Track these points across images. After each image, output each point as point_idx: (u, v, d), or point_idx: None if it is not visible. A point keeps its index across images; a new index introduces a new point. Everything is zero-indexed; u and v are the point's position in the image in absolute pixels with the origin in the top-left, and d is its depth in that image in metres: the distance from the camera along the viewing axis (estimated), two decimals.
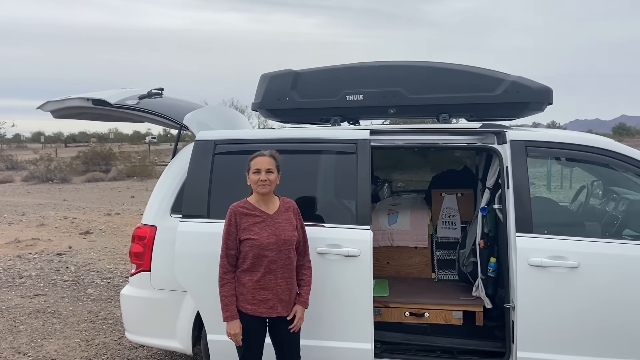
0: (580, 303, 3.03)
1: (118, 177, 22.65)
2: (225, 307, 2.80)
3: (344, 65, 3.94)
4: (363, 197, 3.29)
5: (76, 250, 8.43)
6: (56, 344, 4.61)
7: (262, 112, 4.09)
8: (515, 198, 3.18)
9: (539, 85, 3.62)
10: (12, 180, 22.45)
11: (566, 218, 3.88)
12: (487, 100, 3.62)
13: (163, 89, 4.24)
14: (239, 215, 2.83)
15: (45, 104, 3.94)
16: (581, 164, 3.68)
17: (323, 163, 3.48)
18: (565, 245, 3.08)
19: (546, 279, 3.05)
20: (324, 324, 3.25)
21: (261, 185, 2.82)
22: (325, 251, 3.22)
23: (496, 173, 3.60)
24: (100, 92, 3.89)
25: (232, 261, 2.84)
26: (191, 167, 3.51)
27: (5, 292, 6.17)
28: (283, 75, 3.94)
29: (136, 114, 3.83)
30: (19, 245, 8.81)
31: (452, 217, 4.53)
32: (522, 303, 3.08)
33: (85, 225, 10.79)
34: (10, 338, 4.76)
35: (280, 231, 2.83)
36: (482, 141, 3.44)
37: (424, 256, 4.54)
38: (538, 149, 3.28)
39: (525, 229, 3.13)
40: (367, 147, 3.37)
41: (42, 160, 25.07)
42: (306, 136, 3.56)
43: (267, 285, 2.80)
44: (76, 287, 6.37)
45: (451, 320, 3.81)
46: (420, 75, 3.76)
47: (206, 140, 3.55)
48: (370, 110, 3.86)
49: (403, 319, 3.84)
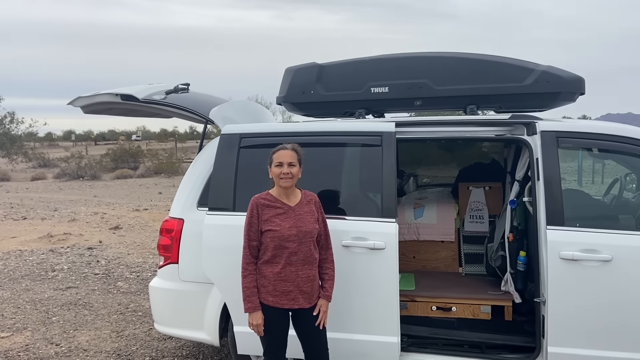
0: (613, 297, 2.95)
1: (146, 174, 23.05)
2: (247, 299, 2.82)
3: (369, 58, 3.91)
4: (388, 189, 3.26)
5: (106, 245, 8.61)
6: (87, 335, 4.72)
7: (286, 106, 4.09)
8: (545, 190, 3.11)
9: (570, 75, 3.52)
10: (44, 177, 23.07)
11: (599, 211, 3.78)
12: (517, 91, 3.54)
13: (189, 84, 4.28)
14: (261, 206, 2.84)
15: (75, 100, 4.02)
16: (614, 155, 3.57)
17: (348, 156, 3.46)
18: (598, 238, 3.00)
19: (578, 273, 2.98)
20: (350, 317, 3.24)
21: (283, 178, 2.82)
22: (350, 244, 3.21)
23: (526, 165, 3.53)
24: (129, 87, 3.95)
25: (254, 252, 2.85)
26: (217, 161, 3.54)
27: (38, 285, 6.34)
28: (307, 69, 3.93)
29: (163, 108, 3.88)
30: (52, 239, 9.05)
31: (479, 210, 4.46)
32: (553, 297, 3.01)
33: (114, 220, 11.01)
34: (43, 329, 4.89)
35: (301, 223, 2.83)
36: (512, 132, 3.37)
37: (451, 250, 4.48)
38: (570, 139, 3.20)
39: (557, 221, 3.06)
40: (392, 140, 3.34)
41: (73, 158, 25.68)
42: (331, 129, 3.54)
43: (288, 277, 2.81)
44: (106, 280, 6.51)
45: (479, 315, 3.75)
46: (446, 66, 3.70)
47: (231, 134, 3.58)
48: (396, 102, 3.82)
49: (430, 313, 3.80)
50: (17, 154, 28.46)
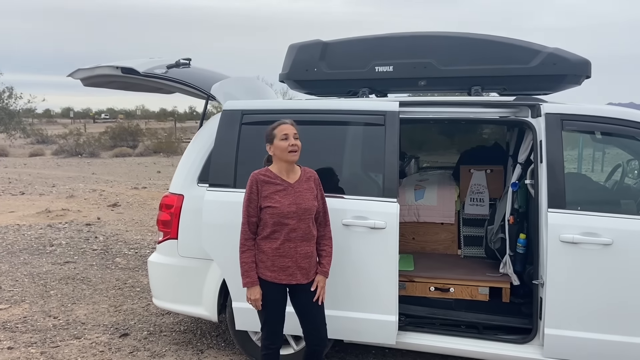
0: (612, 281, 2.95)
1: (145, 152, 22.97)
2: (245, 274, 2.82)
3: (374, 36, 3.87)
4: (390, 169, 3.24)
5: (104, 222, 8.61)
6: (85, 309, 4.74)
7: (289, 84, 4.05)
8: (548, 173, 3.09)
9: (577, 57, 3.49)
10: (42, 154, 22.99)
11: (600, 195, 3.77)
12: (522, 73, 3.51)
13: (191, 59, 4.23)
14: (260, 182, 2.82)
15: (75, 72, 3.97)
16: (618, 139, 3.54)
17: (351, 135, 3.44)
18: (598, 221, 2.99)
19: (578, 256, 2.98)
20: (349, 296, 3.25)
21: (292, 151, 2.79)
22: (350, 223, 3.20)
23: (529, 148, 3.51)
24: (130, 60, 3.90)
25: (253, 228, 2.84)
26: (218, 137, 3.51)
27: (36, 259, 6.35)
28: (312, 46, 3.88)
29: (165, 83, 3.84)
30: (50, 215, 9.04)
31: (480, 193, 4.45)
32: (552, 280, 3.02)
33: (113, 198, 10.99)
34: (41, 302, 4.91)
35: (301, 200, 2.81)
36: (516, 114, 3.35)
37: (451, 232, 4.48)
38: (575, 122, 3.17)
39: (558, 204, 3.05)
40: (395, 119, 3.31)
41: (72, 135, 25.55)
42: (334, 107, 3.50)
43: (287, 252, 2.80)
44: (105, 256, 6.52)
45: (477, 296, 3.76)
46: (451, 46, 3.66)
47: (233, 110, 3.54)
48: (400, 82, 3.79)
49: (428, 294, 3.81)
50: (16, 129, 28.28)
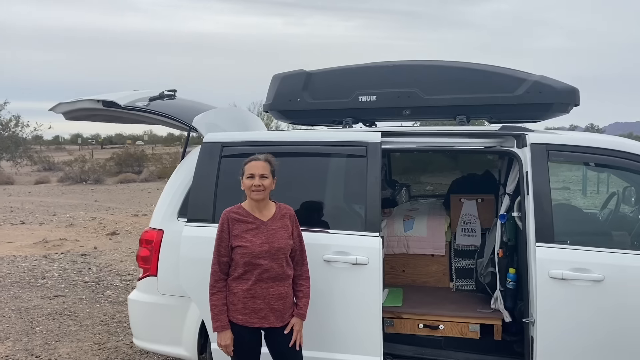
0: (605, 319, 2.81)
1: (149, 178, 23.01)
2: (215, 317, 2.70)
3: (357, 65, 3.81)
4: (373, 202, 3.14)
5: (101, 251, 8.53)
6: (69, 347, 4.61)
7: (273, 114, 3.99)
8: (535, 205, 2.97)
9: (563, 85, 3.39)
10: (48, 181, 23.08)
11: (591, 227, 3.64)
12: (507, 102, 3.41)
13: (176, 91, 4.19)
14: (231, 221, 2.72)
15: (56, 106, 3.93)
16: (609, 169, 3.43)
17: (332, 166, 3.36)
18: (589, 256, 2.86)
19: (568, 293, 2.84)
20: (331, 335, 3.12)
21: (255, 191, 2.69)
22: (332, 259, 3.09)
23: (516, 178, 3.39)
24: (112, 93, 3.86)
25: (224, 269, 2.73)
26: (197, 170, 3.43)
27: (26, 293, 6.25)
28: (294, 76, 3.83)
29: (146, 115, 3.79)
30: (46, 245, 8.98)
31: (471, 223, 4.32)
32: (542, 318, 2.88)
33: (112, 226, 10.94)
34: (25, 339, 4.79)
35: (273, 239, 2.70)
36: (501, 144, 3.25)
37: (441, 264, 4.33)
38: (561, 153, 3.07)
39: (546, 238, 2.92)
40: (377, 150, 3.22)
41: (77, 162, 25.71)
42: (315, 138, 3.44)
43: (258, 293, 2.68)
44: (95, 289, 6.41)
45: (467, 334, 3.60)
46: (436, 75, 3.59)
47: (213, 142, 3.47)
48: (384, 111, 3.71)
49: (416, 331, 3.65)
50: (22, 157, 28.53)
